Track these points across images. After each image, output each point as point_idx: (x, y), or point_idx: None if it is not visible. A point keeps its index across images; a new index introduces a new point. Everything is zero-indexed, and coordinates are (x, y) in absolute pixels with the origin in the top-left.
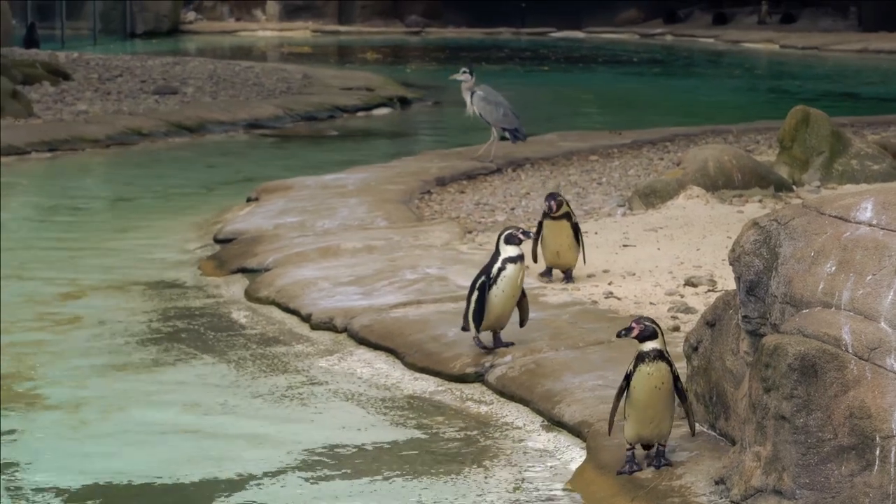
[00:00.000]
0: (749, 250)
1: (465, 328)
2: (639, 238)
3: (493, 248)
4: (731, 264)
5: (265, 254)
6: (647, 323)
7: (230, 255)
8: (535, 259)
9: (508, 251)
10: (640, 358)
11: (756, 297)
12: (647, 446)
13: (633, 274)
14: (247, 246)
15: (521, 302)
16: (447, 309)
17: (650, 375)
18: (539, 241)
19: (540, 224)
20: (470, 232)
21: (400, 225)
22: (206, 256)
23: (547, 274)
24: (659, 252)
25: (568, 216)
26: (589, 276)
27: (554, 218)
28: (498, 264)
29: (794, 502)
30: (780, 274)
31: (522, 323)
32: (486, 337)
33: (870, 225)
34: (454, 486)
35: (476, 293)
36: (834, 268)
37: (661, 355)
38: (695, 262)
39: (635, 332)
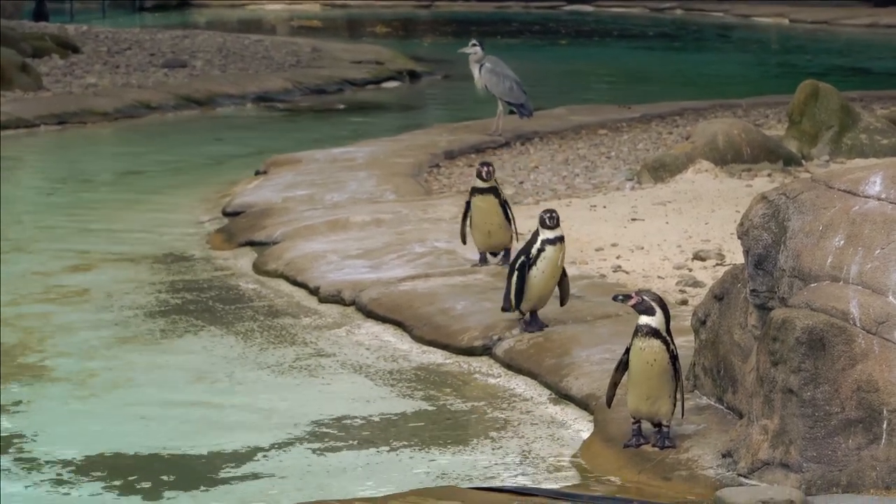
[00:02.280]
0: (757, 224)
1: (505, 308)
2: (647, 212)
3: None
4: (739, 238)
5: (274, 227)
6: (646, 297)
7: (239, 228)
8: (463, 241)
9: (546, 233)
10: (635, 332)
11: (764, 270)
12: (654, 423)
13: (642, 248)
14: (255, 219)
15: (562, 281)
16: (455, 282)
17: (642, 351)
18: (467, 223)
19: (467, 203)
20: None
21: (408, 198)
22: (215, 229)
23: (481, 262)
24: (667, 226)
25: (495, 191)
26: (597, 249)
27: (481, 192)
28: (537, 245)
29: (801, 475)
30: (789, 248)
31: (563, 302)
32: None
33: (878, 199)
34: (462, 457)
35: (516, 273)
36: (842, 242)
37: (655, 333)
38: (703, 236)
39: (632, 302)
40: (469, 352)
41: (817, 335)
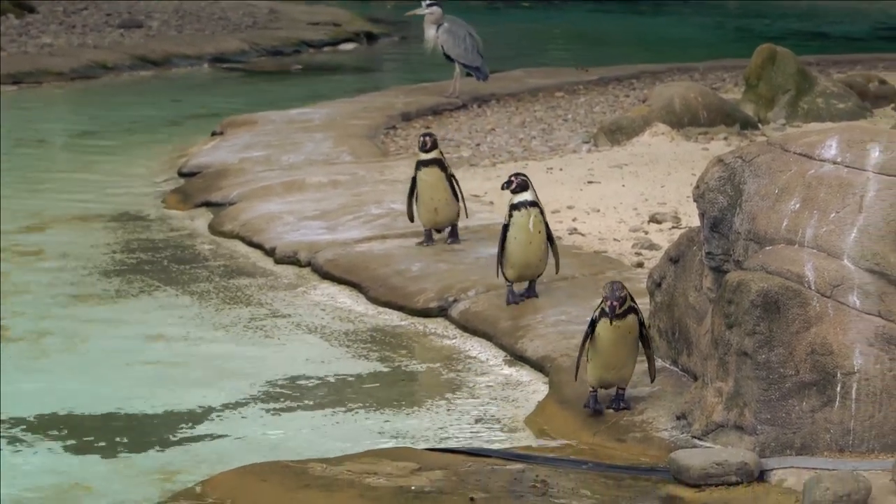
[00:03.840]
0: (713, 187)
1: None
2: (603, 174)
3: None
4: (695, 201)
5: (230, 188)
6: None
7: (195, 188)
8: (410, 218)
9: (514, 198)
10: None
11: (720, 233)
12: (607, 387)
13: (598, 210)
14: (211, 180)
15: (553, 247)
16: (411, 244)
17: (616, 327)
18: (414, 200)
19: (413, 179)
20: None
21: (365, 160)
22: (171, 190)
23: (427, 239)
24: (623, 188)
25: (440, 163)
26: (553, 212)
27: (426, 164)
28: (507, 212)
29: (756, 438)
30: (744, 211)
31: (556, 269)
32: (520, 287)
33: (834, 162)
34: (416, 418)
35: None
36: (798, 205)
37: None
38: (659, 199)
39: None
40: (425, 313)
41: (772, 298)
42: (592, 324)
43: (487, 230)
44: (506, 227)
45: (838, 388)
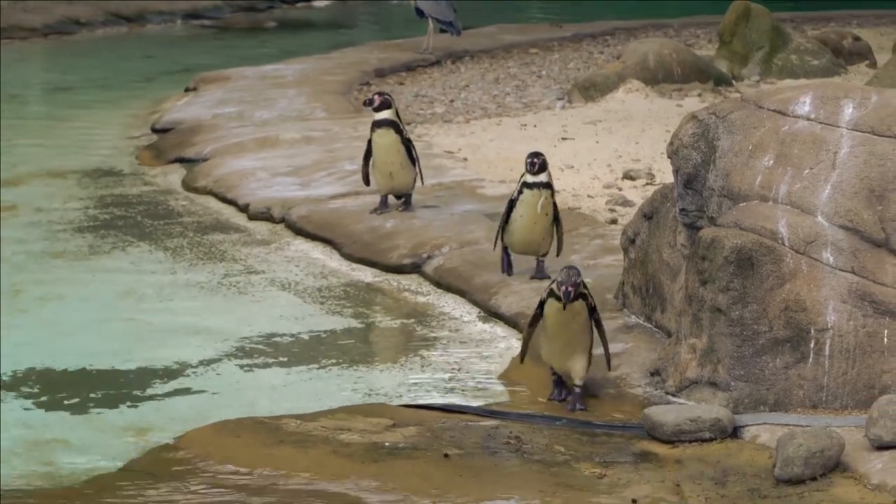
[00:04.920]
0: (687, 143)
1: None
2: (577, 131)
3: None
4: (669, 157)
5: (203, 144)
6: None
7: (168, 144)
8: (365, 182)
9: (528, 177)
10: (556, 295)
11: (693, 190)
12: (562, 375)
13: (572, 167)
14: (185, 136)
15: (557, 229)
16: None
17: (560, 311)
18: (369, 164)
19: (368, 141)
20: (409, 124)
21: (339, 116)
22: (144, 146)
23: (382, 206)
24: (597, 145)
25: (395, 125)
26: None
27: (380, 125)
28: (518, 187)
29: (729, 394)
30: (718, 167)
31: (558, 252)
32: (526, 261)
33: (808, 119)
34: (390, 374)
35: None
36: (771, 161)
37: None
38: (633, 156)
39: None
40: (398, 269)
41: (746, 254)
42: (541, 304)
43: (461, 187)
44: (512, 202)
45: (812, 345)
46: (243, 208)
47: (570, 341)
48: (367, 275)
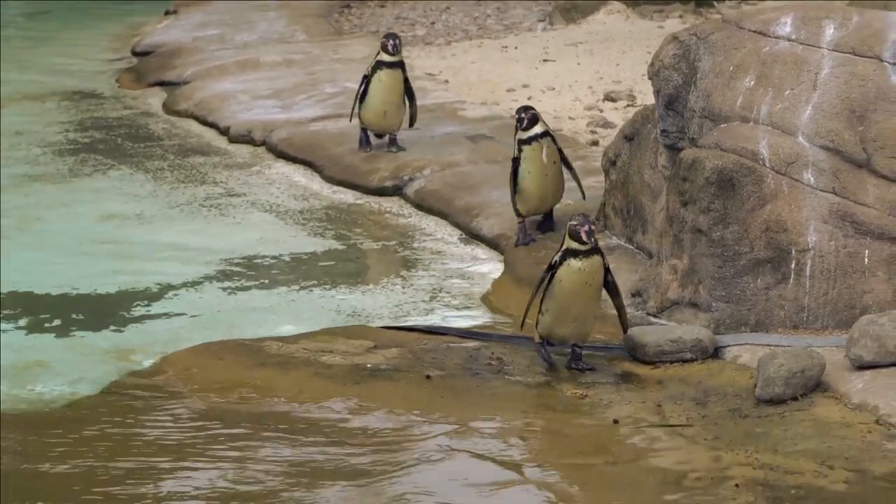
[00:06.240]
0: (668, 64)
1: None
2: (559, 53)
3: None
4: (650, 79)
5: (184, 67)
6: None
7: (148, 67)
8: (350, 118)
9: (521, 134)
10: (572, 253)
11: (674, 111)
12: (559, 343)
13: (553, 88)
14: (165, 59)
15: (572, 172)
16: None
17: (581, 271)
18: (362, 99)
19: (367, 78)
20: None
21: (319, 39)
22: (125, 69)
23: (364, 143)
24: (579, 67)
25: (403, 66)
26: (509, 90)
27: (388, 66)
28: (515, 147)
29: (710, 314)
30: (699, 88)
31: (582, 194)
32: (532, 224)
33: (789, 40)
34: (372, 296)
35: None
36: (752, 82)
37: (595, 249)
38: (614, 77)
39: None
40: (380, 192)
41: (727, 175)
42: (552, 268)
43: (442, 109)
44: (516, 161)
45: (792, 265)
46: (224, 131)
47: (587, 305)
48: (348, 197)
